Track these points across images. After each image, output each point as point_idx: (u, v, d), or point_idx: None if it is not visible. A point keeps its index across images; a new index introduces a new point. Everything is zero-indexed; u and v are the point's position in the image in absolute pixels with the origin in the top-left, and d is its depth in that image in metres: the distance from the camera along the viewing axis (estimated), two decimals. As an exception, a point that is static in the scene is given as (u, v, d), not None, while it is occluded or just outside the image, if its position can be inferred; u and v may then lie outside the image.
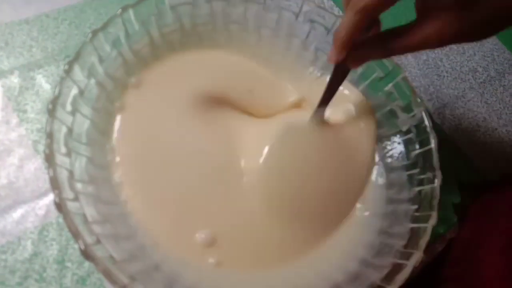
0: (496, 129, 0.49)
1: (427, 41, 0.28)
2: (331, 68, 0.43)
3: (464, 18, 0.26)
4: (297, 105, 0.43)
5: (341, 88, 0.36)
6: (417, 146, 0.38)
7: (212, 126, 0.39)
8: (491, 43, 0.56)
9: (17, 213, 0.36)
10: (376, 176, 0.40)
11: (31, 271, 0.34)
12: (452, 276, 0.38)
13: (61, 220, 0.34)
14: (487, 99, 0.51)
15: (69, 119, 0.32)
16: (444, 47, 0.54)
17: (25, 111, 0.40)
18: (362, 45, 0.30)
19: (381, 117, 0.41)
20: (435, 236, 0.40)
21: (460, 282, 0.36)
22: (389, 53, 0.32)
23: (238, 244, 0.35)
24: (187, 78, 0.41)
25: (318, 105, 0.36)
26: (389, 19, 0.30)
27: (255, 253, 0.35)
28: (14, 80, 0.41)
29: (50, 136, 0.30)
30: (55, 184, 0.28)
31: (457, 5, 0.26)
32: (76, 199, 0.29)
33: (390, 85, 0.40)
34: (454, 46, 0.55)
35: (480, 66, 0.54)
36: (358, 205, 0.38)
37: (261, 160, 0.36)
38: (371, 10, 0.27)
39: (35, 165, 0.38)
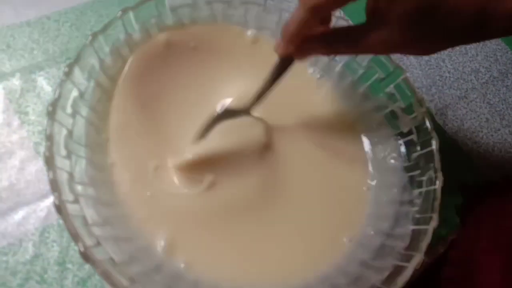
0: (499, 129, 0.49)
1: (371, 48, 0.29)
2: (331, 70, 0.43)
3: (411, 31, 0.27)
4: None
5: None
6: (419, 148, 0.37)
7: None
8: (494, 44, 0.56)
9: (18, 215, 0.36)
10: (377, 177, 0.39)
11: (32, 272, 0.34)
12: (453, 278, 0.37)
13: (62, 222, 0.34)
14: (490, 99, 0.51)
15: (69, 121, 0.33)
16: (447, 48, 0.54)
17: (26, 113, 0.40)
18: (310, 40, 0.31)
19: (382, 118, 0.41)
20: (437, 238, 0.39)
21: (461, 284, 0.36)
22: (334, 52, 0.34)
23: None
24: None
25: (257, 94, 0.36)
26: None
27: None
28: (16, 82, 0.41)
29: (50, 138, 0.30)
30: (55, 186, 0.28)
31: (407, 17, 0.26)
32: (76, 201, 0.29)
33: (391, 86, 0.40)
34: (456, 47, 0.55)
35: (483, 67, 0.54)
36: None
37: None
38: (321, 9, 0.28)
39: (36, 167, 0.38)
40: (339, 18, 0.39)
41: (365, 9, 0.29)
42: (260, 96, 0.36)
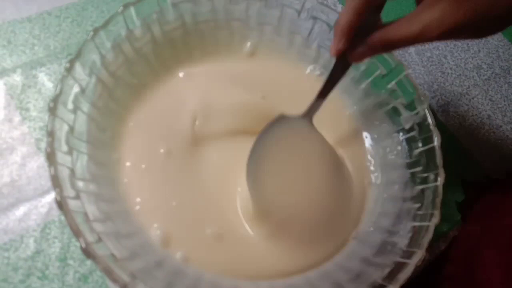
0: (500, 126, 0.49)
1: (425, 32, 0.27)
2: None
3: (465, 8, 0.25)
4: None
5: None
6: (420, 144, 0.37)
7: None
8: (496, 40, 0.55)
9: (19, 211, 0.36)
10: (379, 174, 0.39)
11: (33, 268, 0.34)
12: (454, 275, 0.37)
13: (63, 218, 0.34)
14: (492, 96, 0.51)
15: (70, 117, 0.32)
16: (449, 44, 0.54)
17: (27, 109, 0.40)
18: (363, 41, 0.30)
19: (383, 114, 0.41)
20: (438, 234, 0.40)
21: (462, 281, 0.36)
22: (389, 46, 0.30)
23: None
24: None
25: (316, 98, 0.36)
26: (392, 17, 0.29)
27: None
28: (17, 78, 0.41)
29: (51, 134, 0.30)
30: (56, 182, 0.28)
31: (457, 15, 0.25)
32: (77, 197, 0.29)
33: (393, 82, 0.40)
34: (458, 43, 0.54)
35: (485, 63, 0.53)
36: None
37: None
38: (372, 1, 0.27)
39: (38, 163, 0.38)
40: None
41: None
42: (318, 102, 0.36)
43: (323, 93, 0.36)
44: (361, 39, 0.30)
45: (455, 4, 0.26)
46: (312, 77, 0.44)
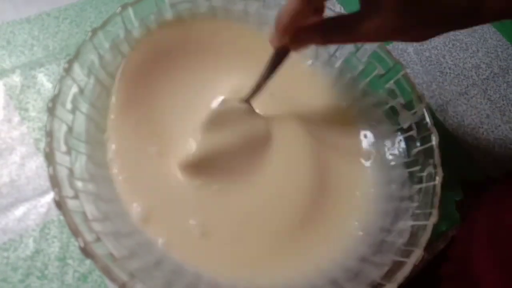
0: (499, 126, 0.49)
1: (366, 35, 0.29)
2: (331, 65, 0.43)
3: (405, 17, 0.27)
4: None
5: None
6: (419, 143, 0.37)
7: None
8: (495, 40, 0.56)
9: (19, 211, 0.36)
10: (376, 173, 0.39)
11: (33, 268, 0.34)
12: (453, 274, 0.38)
13: (62, 217, 0.34)
14: (490, 95, 0.51)
15: (69, 117, 0.33)
16: (447, 43, 0.54)
17: (26, 110, 0.40)
18: (304, 30, 0.31)
19: (382, 114, 0.41)
20: (437, 233, 0.40)
21: (461, 280, 0.36)
22: (329, 41, 0.33)
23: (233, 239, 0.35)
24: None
25: (254, 87, 0.37)
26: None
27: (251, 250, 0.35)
28: (16, 78, 0.41)
29: (50, 134, 0.30)
30: (55, 182, 0.28)
31: (400, 3, 0.26)
32: (76, 197, 0.30)
33: (391, 82, 0.40)
34: (457, 43, 0.54)
35: (484, 63, 0.53)
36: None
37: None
38: (315, 0, 0.28)
39: (37, 163, 0.38)
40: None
41: None
42: (257, 88, 0.37)
43: (261, 83, 0.36)
44: (301, 28, 0.31)
45: (395, 15, 0.27)
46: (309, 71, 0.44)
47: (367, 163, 0.41)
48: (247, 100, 0.38)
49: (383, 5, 0.27)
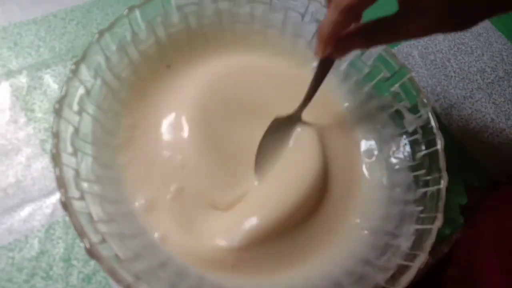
0: (504, 130, 0.49)
1: (410, 35, 0.30)
2: (336, 68, 0.43)
3: (448, 12, 0.27)
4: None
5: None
6: (424, 147, 0.37)
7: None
8: (500, 43, 0.55)
9: (24, 212, 0.36)
10: (381, 177, 0.39)
11: (38, 269, 0.34)
12: (457, 278, 0.37)
13: (67, 218, 0.34)
14: (495, 99, 0.51)
15: (75, 118, 0.33)
16: (452, 47, 0.54)
17: (33, 111, 0.40)
18: (347, 38, 0.31)
19: (387, 117, 0.41)
20: (441, 237, 0.39)
21: (465, 284, 0.36)
22: (372, 44, 0.34)
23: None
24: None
25: (305, 97, 0.38)
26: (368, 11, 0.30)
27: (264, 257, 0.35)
28: (22, 79, 0.42)
29: (56, 135, 0.30)
30: (61, 183, 0.29)
31: (442, 2, 0.27)
32: (82, 198, 0.30)
33: (396, 85, 0.40)
34: (462, 46, 0.54)
35: (488, 66, 0.53)
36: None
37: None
38: (354, 10, 0.28)
39: (43, 164, 0.38)
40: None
41: None
42: (308, 99, 0.38)
43: (311, 93, 0.37)
44: (343, 35, 0.31)
45: (438, 13, 0.27)
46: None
47: (372, 166, 0.41)
48: (298, 112, 0.39)
49: (424, 6, 0.27)
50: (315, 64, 0.43)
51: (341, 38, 0.31)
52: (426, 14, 0.28)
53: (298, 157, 0.38)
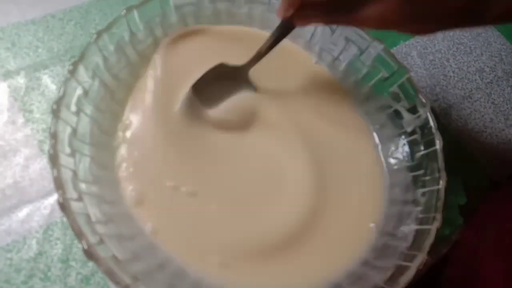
0: (503, 130, 0.49)
1: (367, 21, 0.30)
2: (335, 68, 0.43)
3: (406, 9, 0.27)
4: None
5: None
6: (422, 147, 0.37)
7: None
8: (499, 43, 0.55)
9: (22, 212, 0.36)
10: (380, 177, 0.39)
11: (36, 270, 0.34)
12: (456, 278, 0.37)
13: (65, 219, 0.34)
14: (494, 99, 0.51)
15: (73, 119, 0.33)
16: (451, 47, 0.54)
17: (31, 111, 0.40)
18: (309, 6, 0.32)
19: (385, 117, 0.41)
20: (440, 238, 0.39)
21: (464, 285, 0.36)
22: (331, 21, 0.35)
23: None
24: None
25: (256, 53, 0.38)
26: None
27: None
28: (20, 80, 0.41)
29: (54, 136, 0.30)
30: (59, 184, 0.28)
31: (402, 6, 0.27)
32: (79, 199, 0.30)
33: (395, 85, 0.40)
34: (461, 46, 0.54)
35: (487, 66, 0.53)
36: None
37: None
38: None
39: (41, 164, 0.38)
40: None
41: None
42: (257, 56, 0.38)
43: (262, 52, 0.38)
44: (307, 4, 0.32)
45: (397, 5, 0.27)
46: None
47: (370, 167, 0.41)
48: (247, 67, 0.39)
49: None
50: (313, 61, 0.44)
51: (304, 5, 0.31)
52: (387, 3, 0.28)
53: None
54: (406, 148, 0.39)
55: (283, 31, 0.36)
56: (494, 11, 0.26)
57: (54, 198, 0.37)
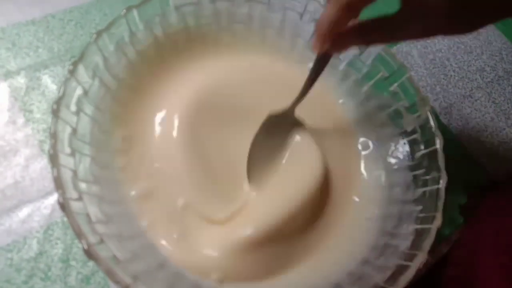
0: (504, 129, 0.48)
1: (408, 37, 0.30)
2: (335, 68, 0.43)
3: (449, 16, 0.27)
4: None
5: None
6: (423, 147, 0.37)
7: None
8: (500, 42, 0.55)
9: (22, 212, 0.36)
10: (381, 176, 0.39)
11: (36, 269, 0.34)
12: (456, 277, 0.37)
13: (66, 219, 0.34)
14: (495, 98, 0.51)
15: (73, 119, 0.33)
16: (452, 46, 0.54)
17: (31, 111, 0.40)
18: (345, 34, 0.31)
19: (386, 117, 0.41)
20: (440, 237, 0.39)
21: (464, 283, 0.36)
22: (370, 43, 0.34)
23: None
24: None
25: (300, 92, 0.37)
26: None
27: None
28: (21, 80, 0.41)
29: (54, 136, 0.30)
30: (59, 184, 0.28)
31: (444, 4, 0.26)
32: (79, 199, 0.30)
33: (395, 85, 0.40)
34: (461, 45, 0.54)
35: (488, 65, 0.53)
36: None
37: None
38: (354, 7, 0.28)
39: (41, 164, 0.38)
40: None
41: None
42: (302, 95, 0.37)
43: (307, 88, 0.37)
44: (341, 31, 0.31)
45: (439, 15, 0.27)
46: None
47: (370, 166, 0.41)
48: (292, 108, 0.38)
49: (426, 7, 0.27)
50: (310, 64, 0.44)
51: (339, 34, 0.31)
52: (429, 17, 0.27)
53: (298, 167, 0.37)
54: (406, 148, 0.39)
55: (322, 64, 0.35)
56: None
57: (54, 198, 0.37)
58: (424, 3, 0.27)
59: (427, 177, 0.35)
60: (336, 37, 0.31)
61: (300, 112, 0.39)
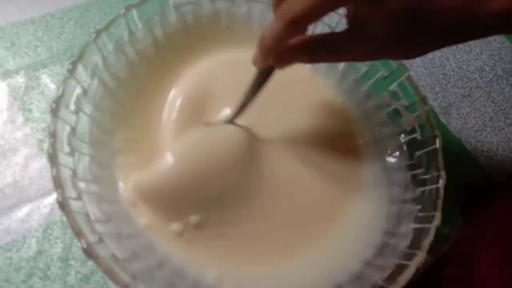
0: (503, 128, 0.49)
1: (354, 56, 0.29)
2: (334, 67, 0.43)
3: (395, 38, 0.26)
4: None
5: None
6: (422, 146, 0.37)
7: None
8: (499, 42, 0.55)
9: (22, 212, 0.36)
10: (380, 176, 0.39)
11: (35, 269, 0.34)
12: (455, 276, 0.37)
13: (65, 218, 0.34)
14: (494, 98, 0.51)
15: (72, 118, 0.33)
16: (451, 46, 0.54)
17: (30, 111, 0.40)
18: (290, 50, 0.30)
19: (385, 116, 0.41)
20: (440, 236, 0.39)
21: (463, 282, 0.36)
22: (315, 61, 0.33)
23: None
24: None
25: (239, 106, 0.36)
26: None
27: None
28: (20, 79, 0.41)
29: (53, 135, 0.30)
30: (58, 183, 0.28)
31: (390, 24, 0.26)
32: (79, 198, 0.30)
33: (394, 84, 0.40)
34: (461, 45, 0.54)
35: (487, 65, 0.53)
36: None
37: None
38: (299, 23, 0.26)
39: (40, 164, 0.38)
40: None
41: (346, 16, 0.28)
42: (241, 109, 0.36)
43: (245, 101, 0.35)
44: (285, 47, 0.29)
45: (385, 37, 0.26)
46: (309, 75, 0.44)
47: (369, 166, 0.41)
48: (231, 122, 0.37)
49: (372, 27, 0.26)
50: (310, 65, 0.44)
51: (283, 50, 0.29)
52: (374, 39, 0.27)
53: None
54: (405, 147, 0.39)
55: (263, 78, 0.33)
56: (482, 24, 0.25)
57: (53, 197, 0.37)
58: (367, 26, 0.26)
59: (427, 176, 0.35)
60: (279, 53, 0.29)
61: (300, 112, 0.39)
